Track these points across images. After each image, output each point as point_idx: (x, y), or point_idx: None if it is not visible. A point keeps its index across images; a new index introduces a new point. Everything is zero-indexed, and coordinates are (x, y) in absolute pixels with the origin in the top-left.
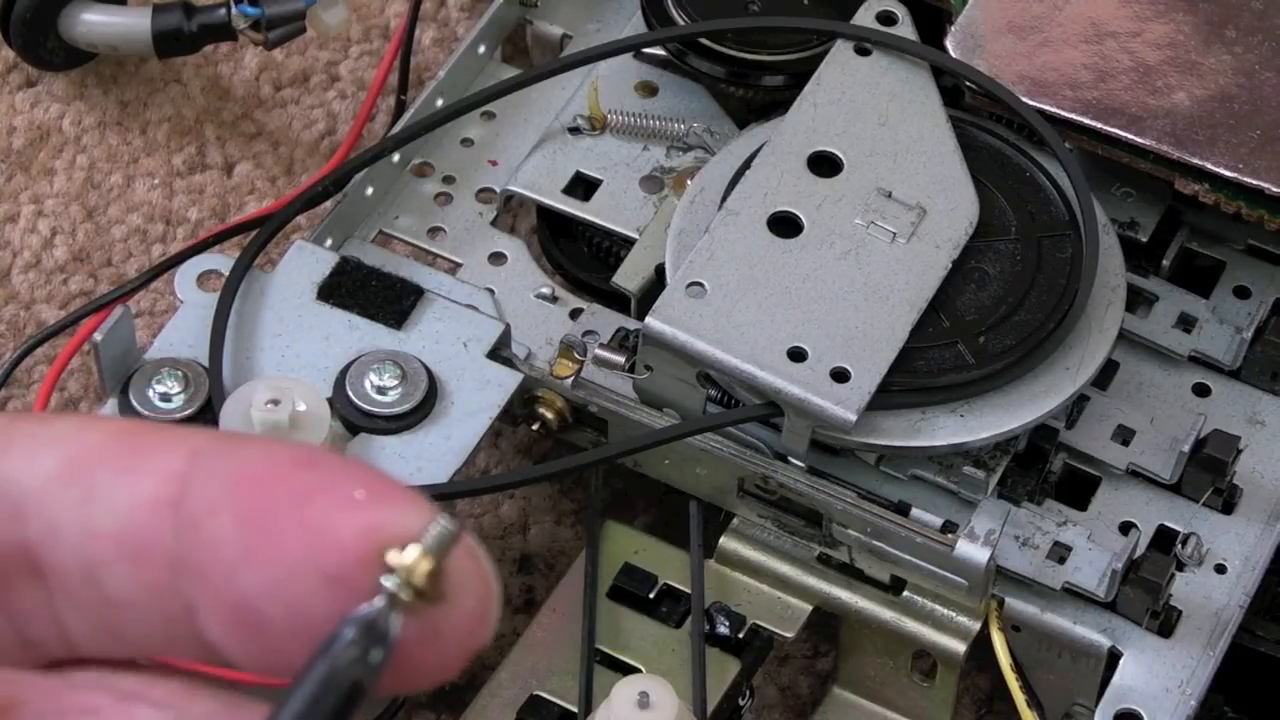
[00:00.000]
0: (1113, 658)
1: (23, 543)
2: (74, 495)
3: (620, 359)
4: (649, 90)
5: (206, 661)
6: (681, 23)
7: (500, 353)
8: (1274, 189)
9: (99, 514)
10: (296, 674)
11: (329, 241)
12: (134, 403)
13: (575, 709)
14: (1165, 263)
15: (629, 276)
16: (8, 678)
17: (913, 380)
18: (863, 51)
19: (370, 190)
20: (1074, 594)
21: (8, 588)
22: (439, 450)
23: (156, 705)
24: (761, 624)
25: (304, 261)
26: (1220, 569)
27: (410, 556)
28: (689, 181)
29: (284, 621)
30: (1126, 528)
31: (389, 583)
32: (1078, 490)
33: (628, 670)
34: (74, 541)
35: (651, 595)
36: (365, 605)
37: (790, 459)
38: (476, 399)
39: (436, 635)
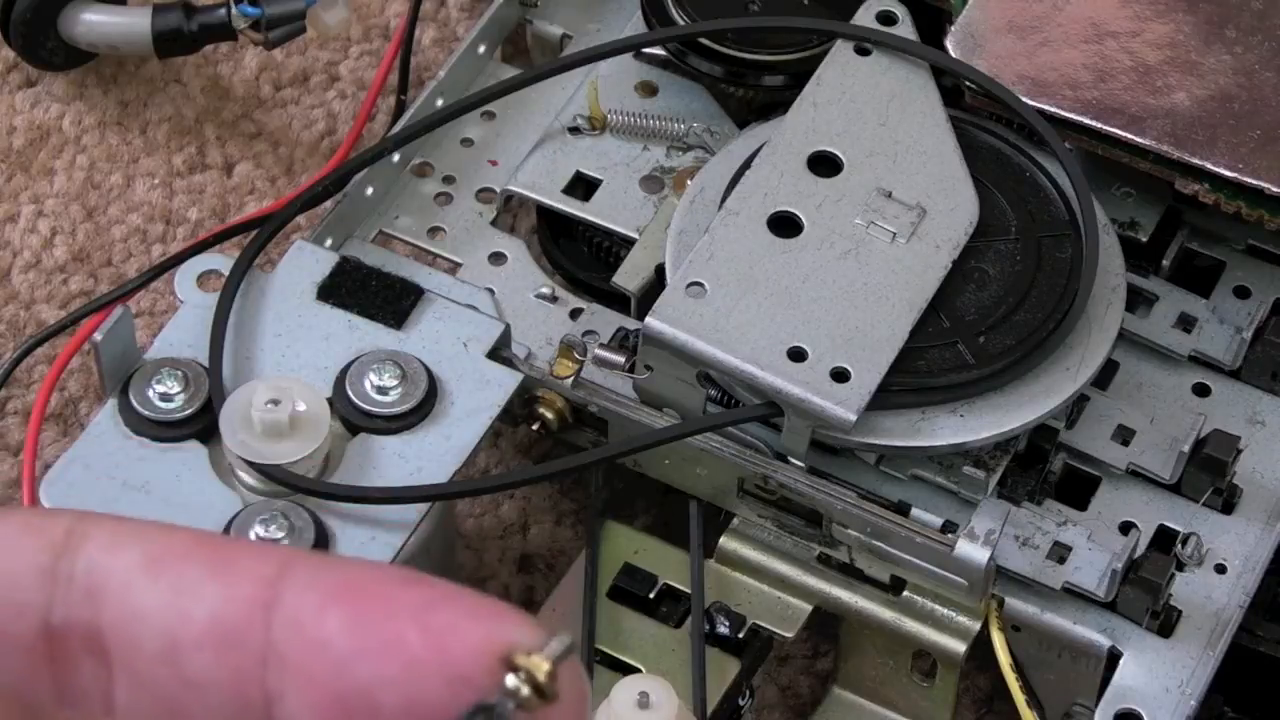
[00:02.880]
0: (1113, 658)
1: (94, 625)
2: (163, 586)
3: (620, 359)
4: (649, 90)
5: None
6: (681, 23)
7: (500, 353)
8: (1274, 189)
9: (191, 604)
10: None
11: (329, 241)
12: (134, 403)
13: None
14: (1165, 263)
15: (629, 276)
16: None
17: (913, 380)
18: (863, 51)
19: (370, 190)
20: (1074, 594)
21: (72, 667)
22: (439, 450)
23: None
24: (761, 624)
25: (304, 261)
26: (1220, 569)
27: (535, 660)
28: (689, 181)
29: (399, 713)
30: (1126, 528)
31: (512, 681)
32: (1078, 490)
33: (628, 670)
34: (160, 627)
35: (651, 595)
36: (492, 698)
37: (790, 459)
38: (476, 399)
39: None
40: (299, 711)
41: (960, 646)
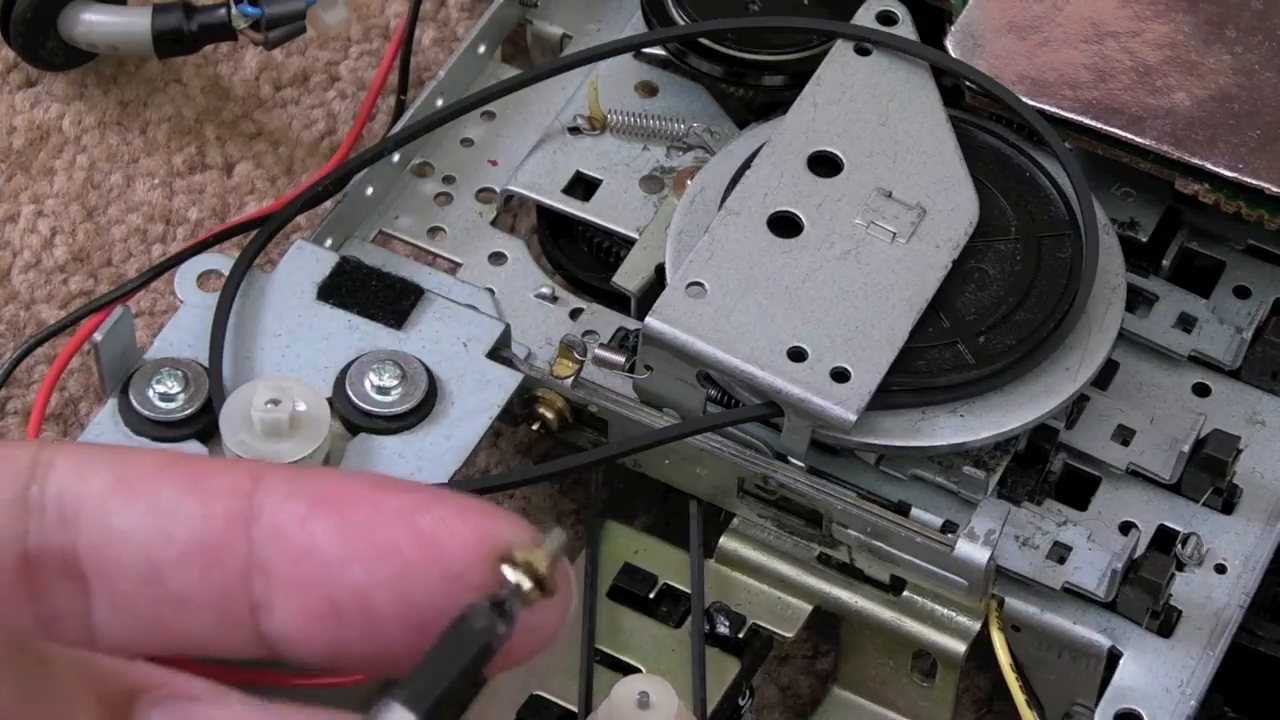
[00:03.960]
0: (1113, 658)
1: (68, 550)
2: (140, 507)
3: (620, 359)
4: (649, 90)
5: (249, 656)
6: (681, 22)
7: (500, 352)
8: (1274, 189)
9: (170, 524)
10: (439, 636)
11: (329, 241)
12: (134, 403)
13: (575, 709)
14: (1165, 262)
15: (629, 276)
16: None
17: (913, 380)
18: (863, 51)
19: (370, 190)
20: (1074, 594)
21: (46, 592)
22: (439, 450)
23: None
24: (761, 624)
25: (304, 261)
26: (1220, 569)
27: (536, 554)
28: (689, 181)
29: (394, 612)
30: (1126, 528)
31: (513, 576)
32: (1078, 490)
33: (628, 670)
34: (139, 549)
35: (651, 595)
36: (496, 591)
37: (790, 459)
38: (476, 399)
39: (539, 621)
40: (291, 619)
41: (960, 646)
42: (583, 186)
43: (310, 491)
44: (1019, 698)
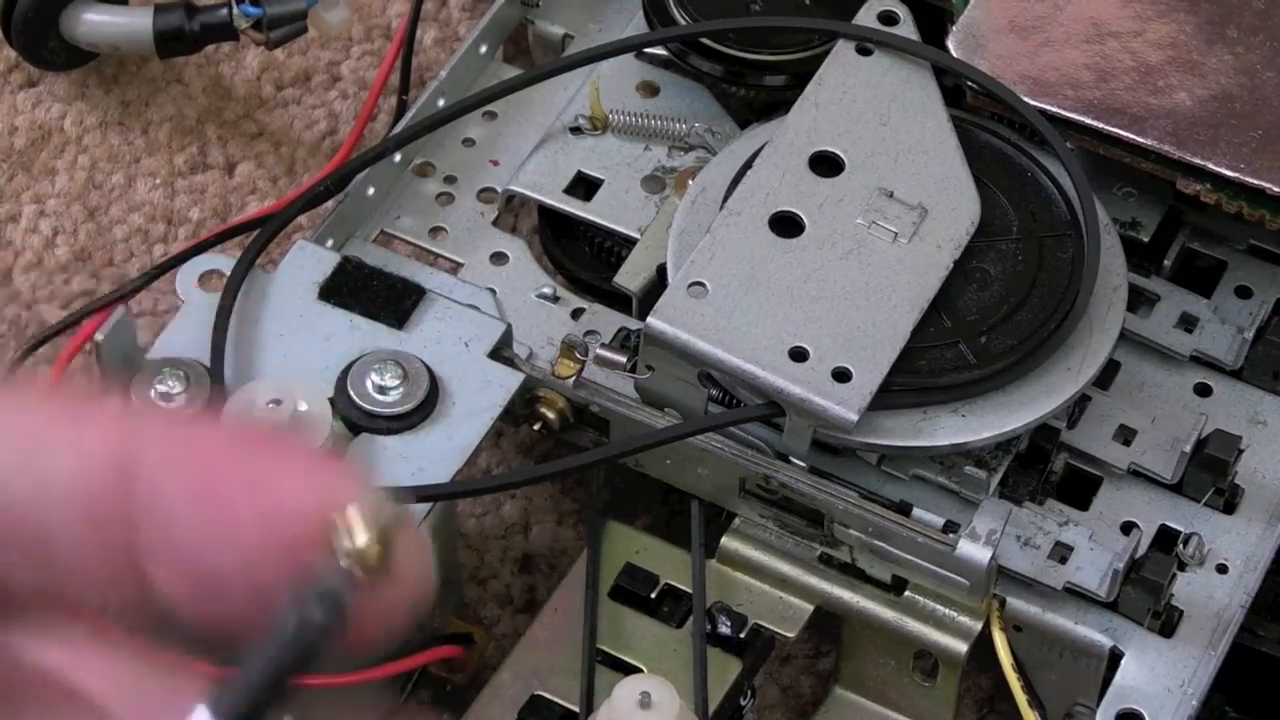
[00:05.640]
0: (1114, 658)
1: None
2: (14, 456)
3: (622, 359)
4: (650, 90)
5: (151, 625)
6: (683, 22)
7: (502, 353)
8: (1275, 189)
9: (49, 476)
10: (257, 635)
11: (330, 241)
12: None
13: (577, 709)
14: (1167, 262)
15: (630, 276)
16: None
17: (914, 380)
18: (864, 51)
19: (372, 190)
20: (1075, 594)
21: None
22: (440, 450)
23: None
24: (763, 624)
25: (305, 261)
26: (1222, 569)
27: (361, 535)
28: (690, 181)
29: (240, 587)
30: (1128, 528)
31: (342, 557)
32: (1079, 490)
33: (629, 670)
34: (28, 501)
35: (653, 595)
36: (321, 575)
37: (792, 459)
38: (478, 399)
39: (380, 606)
40: (167, 588)
41: (962, 646)
42: (584, 186)
43: (178, 448)
44: (1020, 698)
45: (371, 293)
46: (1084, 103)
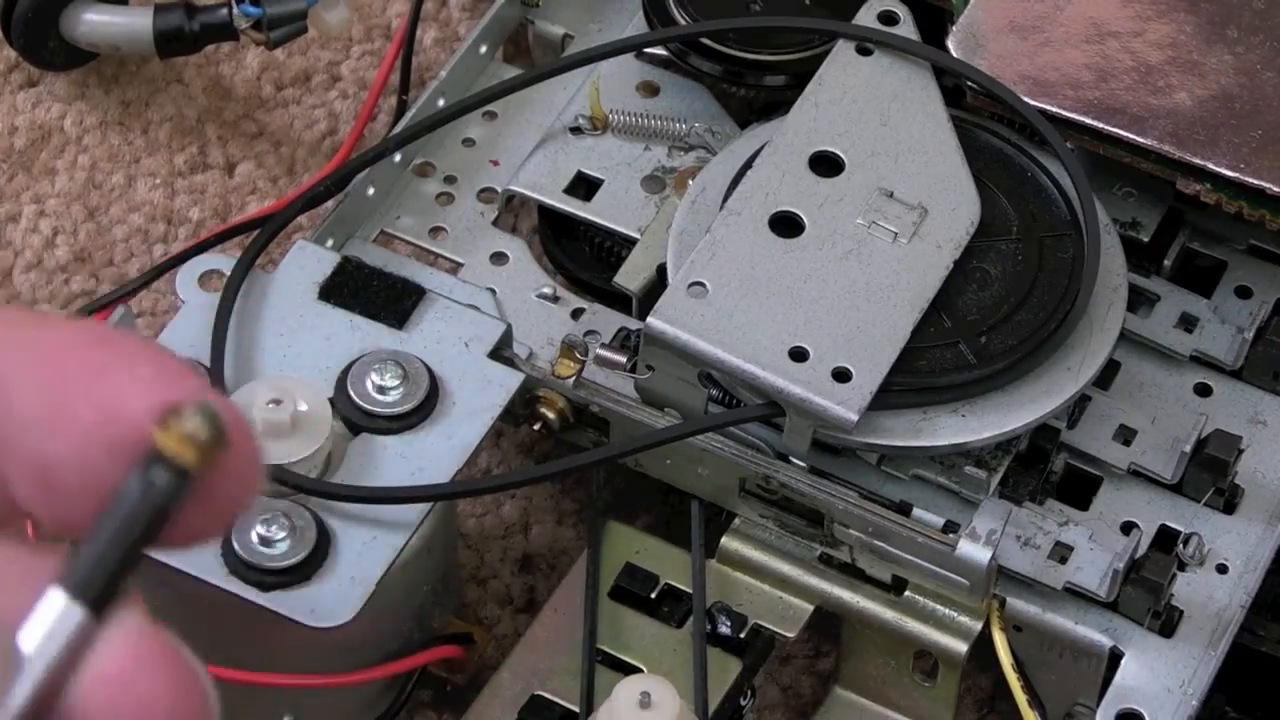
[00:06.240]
0: (1114, 658)
1: None
2: None
3: (622, 359)
4: (650, 90)
5: (11, 520)
6: (683, 22)
7: (502, 352)
8: (1275, 189)
9: None
10: (93, 522)
11: (330, 241)
12: None
13: (577, 709)
14: (1167, 263)
15: (630, 276)
16: None
17: (914, 380)
18: (864, 51)
19: (372, 190)
20: (1075, 594)
21: None
22: (440, 450)
23: None
24: (763, 624)
25: (305, 261)
26: (1222, 569)
27: (189, 426)
28: (690, 181)
29: (78, 485)
30: (1128, 528)
31: (169, 449)
32: (1079, 490)
33: (629, 670)
34: None
35: (653, 595)
36: (151, 465)
37: (792, 459)
38: (478, 399)
39: (209, 496)
40: (16, 485)
41: (962, 646)
42: (584, 186)
43: (31, 344)
44: (1020, 698)
45: (371, 293)
46: (1084, 103)
